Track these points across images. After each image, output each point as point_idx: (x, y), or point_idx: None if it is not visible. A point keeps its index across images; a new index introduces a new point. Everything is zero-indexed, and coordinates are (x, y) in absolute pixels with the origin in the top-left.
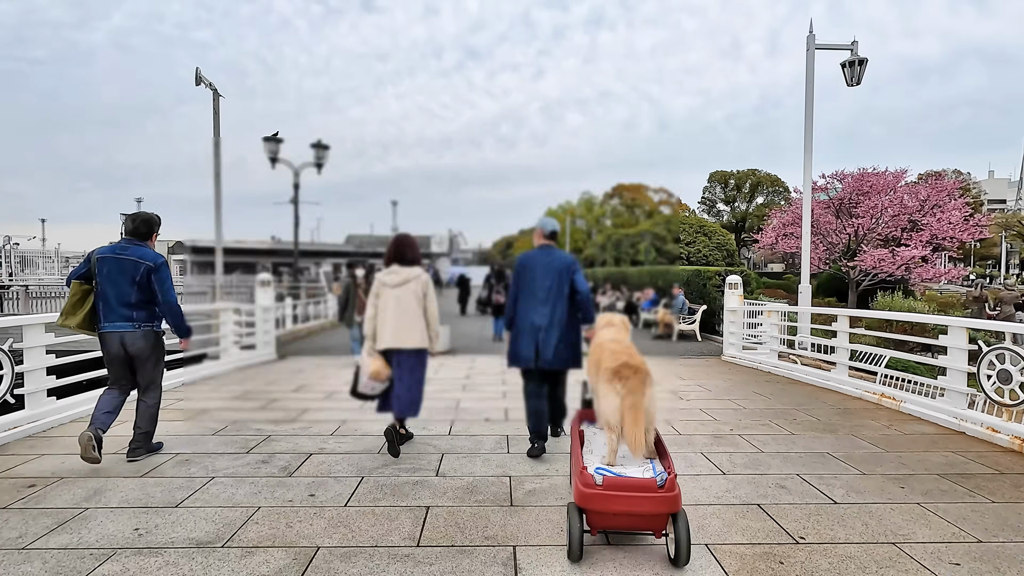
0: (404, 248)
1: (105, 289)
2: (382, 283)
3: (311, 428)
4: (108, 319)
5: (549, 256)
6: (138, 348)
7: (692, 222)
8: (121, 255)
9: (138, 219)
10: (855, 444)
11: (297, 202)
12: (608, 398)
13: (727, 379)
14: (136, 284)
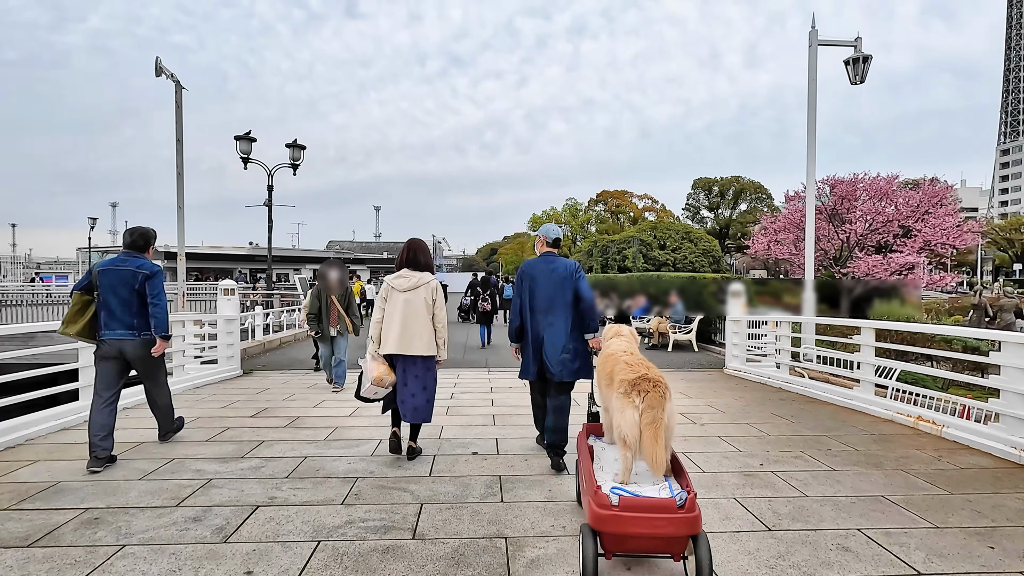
0: (416, 253)
1: (107, 299)
2: (391, 287)
3: (264, 468)
4: (109, 328)
5: (552, 264)
6: (139, 355)
7: (678, 228)
8: (121, 267)
9: (135, 233)
10: (910, 483)
11: (271, 205)
12: (625, 412)
13: (737, 396)
14: (136, 293)
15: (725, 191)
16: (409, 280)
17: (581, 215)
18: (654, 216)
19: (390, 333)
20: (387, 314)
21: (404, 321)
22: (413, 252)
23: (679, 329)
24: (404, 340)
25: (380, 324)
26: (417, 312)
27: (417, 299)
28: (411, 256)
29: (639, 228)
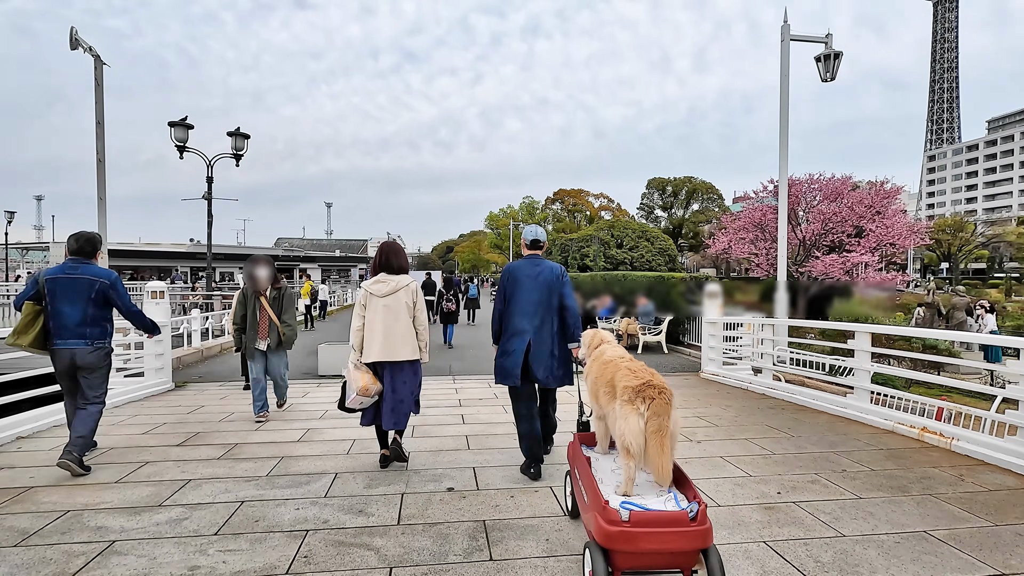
0: (390, 256)
1: (58, 308)
2: (370, 293)
3: (188, 520)
4: (61, 336)
5: (537, 267)
6: (88, 362)
7: (635, 227)
8: (72, 275)
9: (82, 239)
10: (945, 512)
11: (210, 198)
12: (630, 420)
13: (723, 405)
14: (91, 301)
15: (678, 191)
16: (388, 284)
17: (538, 213)
18: (610, 215)
19: (373, 340)
20: (368, 321)
21: (387, 327)
22: (386, 256)
23: (648, 330)
24: (388, 347)
25: (361, 332)
26: (399, 317)
27: (398, 304)
28: (384, 260)
29: (597, 227)
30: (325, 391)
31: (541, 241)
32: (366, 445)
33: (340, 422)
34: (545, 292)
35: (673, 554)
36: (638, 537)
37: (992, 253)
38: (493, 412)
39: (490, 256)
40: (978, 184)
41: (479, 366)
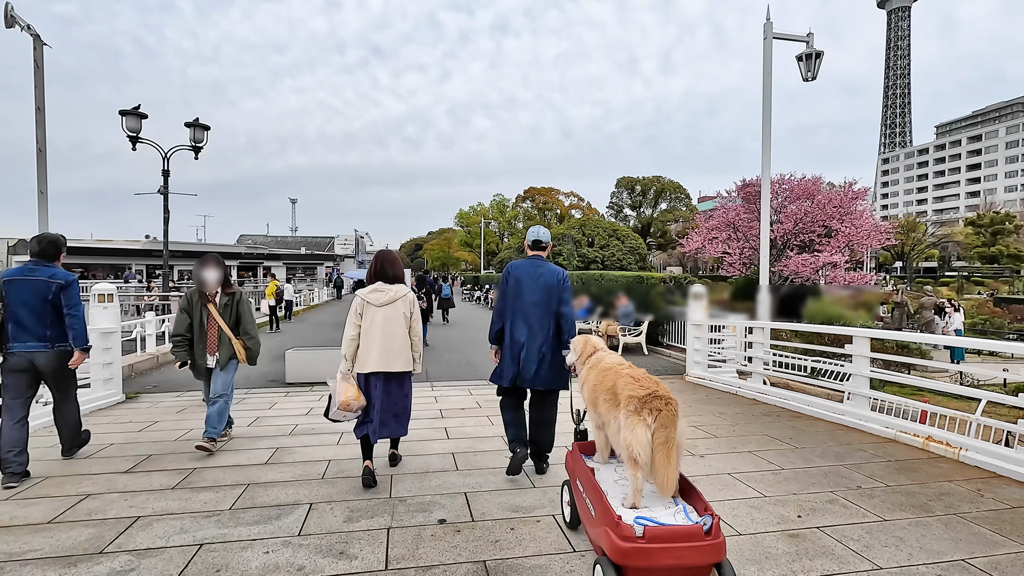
0: (385, 265)
1: (15, 311)
2: (367, 302)
3: (132, 574)
4: (19, 340)
5: (539, 269)
6: (52, 367)
7: (605, 226)
8: (31, 276)
9: (44, 241)
10: (977, 536)
11: (167, 192)
12: (637, 431)
13: (717, 413)
14: (50, 304)
15: (647, 190)
16: (386, 294)
17: (509, 211)
18: (580, 214)
19: (370, 351)
20: (364, 331)
21: (384, 337)
22: (382, 264)
23: (628, 331)
24: (385, 357)
25: (356, 341)
26: (396, 327)
27: (396, 314)
28: (380, 269)
29: (568, 225)
30: (294, 401)
31: (543, 242)
32: (343, 467)
33: (312, 439)
34: (544, 295)
35: (687, 569)
36: (653, 553)
37: (942, 252)
38: (479, 425)
39: (460, 254)
40: (928, 186)
41: (457, 370)
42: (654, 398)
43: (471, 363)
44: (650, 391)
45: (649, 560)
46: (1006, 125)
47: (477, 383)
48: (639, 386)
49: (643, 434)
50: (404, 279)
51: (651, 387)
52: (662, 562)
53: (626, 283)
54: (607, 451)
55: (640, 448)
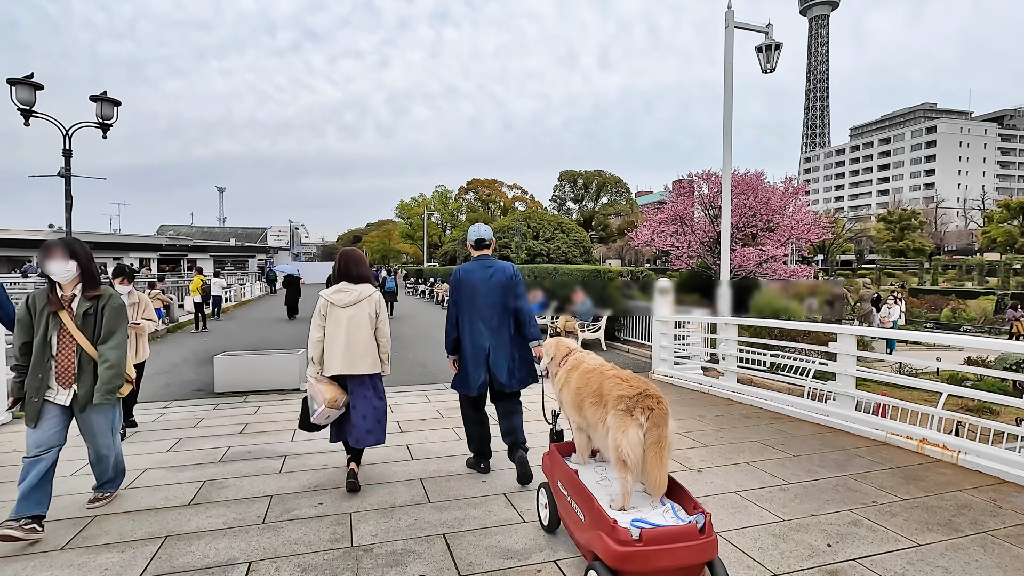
0: (350, 265)
1: None
2: (331, 303)
3: None
4: None
5: (490, 269)
6: None
7: (550, 219)
8: None
9: None
10: (1017, 559)
11: (68, 175)
12: (629, 432)
13: (696, 416)
14: None
15: (589, 184)
16: (351, 294)
17: (451, 203)
18: (524, 206)
19: (334, 353)
20: (329, 333)
21: (349, 339)
22: (346, 264)
23: (587, 327)
24: (350, 359)
25: (321, 343)
26: (362, 328)
27: (361, 315)
28: (345, 268)
29: (513, 218)
30: (226, 416)
31: (487, 240)
32: (290, 505)
33: (249, 466)
34: (500, 294)
35: (681, 569)
36: (651, 556)
37: (857, 246)
38: (445, 440)
39: (401, 246)
40: (845, 184)
41: (411, 373)
42: (645, 397)
43: (424, 364)
44: (640, 390)
45: (648, 563)
46: (911, 129)
47: (434, 388)
48: (628, 386)
49: (635, 435)
50: (370, 279)
51: (641, 386)
52: (659, 564)
53: (582, 277)
54: (588, 452)
55: (632, 449)
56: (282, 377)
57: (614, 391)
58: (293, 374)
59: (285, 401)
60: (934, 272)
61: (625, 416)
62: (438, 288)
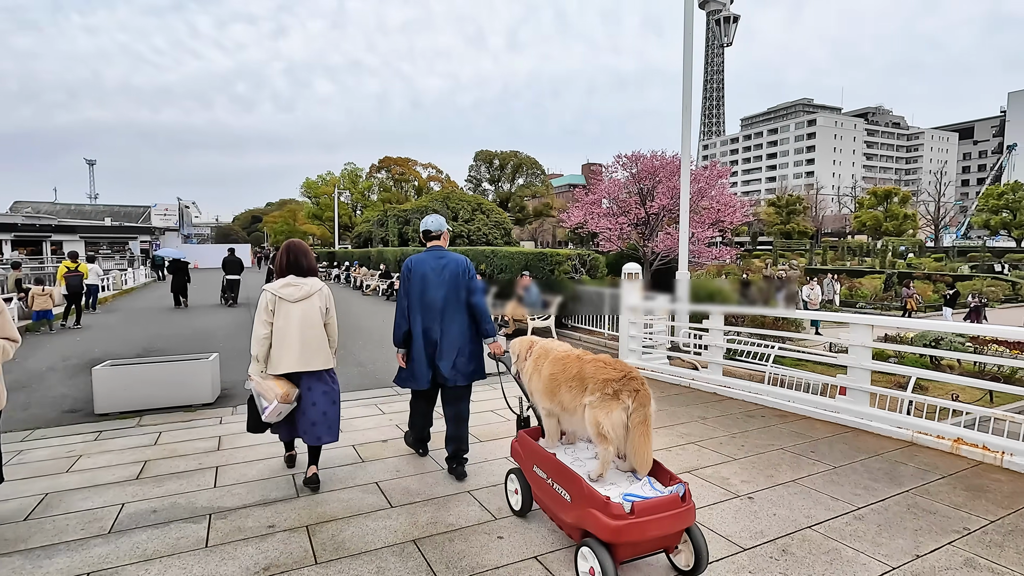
0: (298, 256)
1: None
2: (280, 298)
3: None
4: None
5: (442, 260)
6: None
7: (470, 200)
8: None
9: None
10: None
11: None
12: (613, 413)
13: (697, 417)
14: None
15: (505, 164)
16: (301, 288)
17: (363, 182)
18: (439, 186)
19: (287, 350)
20: (278, 328)
21: (303, 335)
22: (295, 256)
23: (536, 316)
24: (305, 356)
25: (268, 340)
26: (314, 324)
27: (312, 309)
28: (292, 260)
29: (431, 197)
30: (113, 451)
31: (434, 231)
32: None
33: (158, 538)
34: (452, 287)
35: (666, 536)
36: (643, 526)
37: (750, 229)
38: (424, 471)
39: (308, 227)
40: (739, 171)
41: (351, 376)
42: (631, 379)
43: (360, 363)
44: (625, 373)
45: (641, 533)
46: (794, 121)
47: (383, 394)
48: (613, 369)
49: (619, 416)
50: (317, 271)
51: (625, 369)
52: (651, 534)
53: (525, 260)
54: (557, 436)
55: (613, 428)
56: (190, 390)
57: (599, 375)
58: (204, 386)
59: (196, 422)
60: (823, 253)
61: (610, 399)
62: (355, 272)
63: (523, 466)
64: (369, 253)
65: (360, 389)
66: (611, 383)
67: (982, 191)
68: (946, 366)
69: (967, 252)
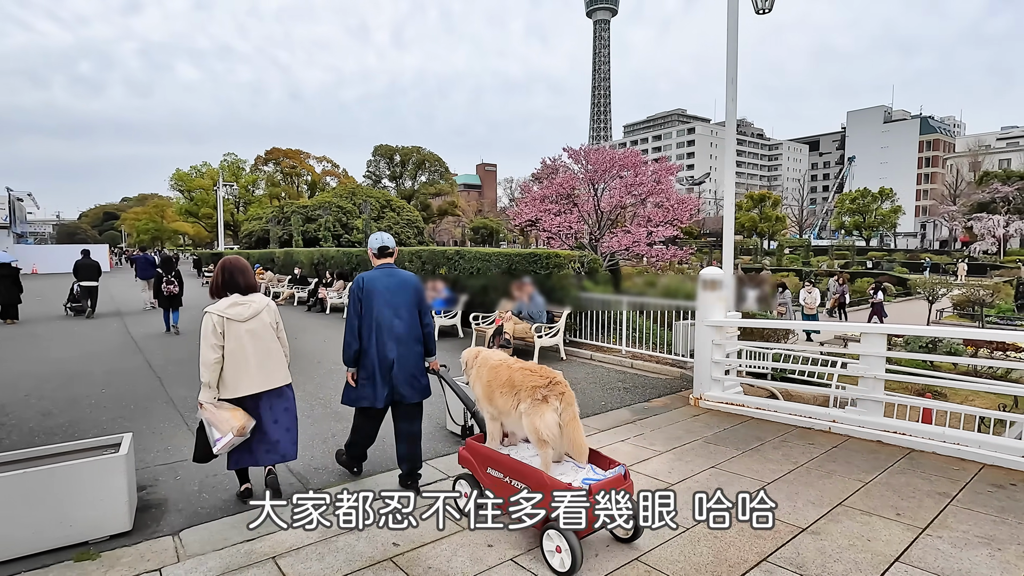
0: (237, 275)
1: None
2: (228, 319)
3: None
4: None
5: (394, 278)
6: None
7: (377, 196)
8: None
9: None
10: None
11: None
12: (546, 416)
13: (854, 477)
14: None
15: (406, 160)
16: (249, 307)
17: (246, 175)
18: (336, 181)
19: (246, 371)
20: (231, 351)
21: (259, 354)
22: (231, 274)
23: (545, 331)
24: (264, 375)
25: (219, 364)
26: (268, 340)
27: (263, 326)
28: (230, 279)
29: (334, 193)
30: None
31: (390, 248)
32: None
33: None
34: (405, 305)
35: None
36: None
37: None
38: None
39: (179, 225)
40: None
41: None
42: (555, 384)
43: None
44: (549, 379)
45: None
46: (676, 129)
47: None
48: (538, 376)
49: (551, 417)
50: (257, 287)
51: (549, 375)
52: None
53: (508, 262)
54: (500, 438)
55: (549, 430)
56: (84, 516)
57: (527, 382)
58: (113, 502)
59: None
60: (710, 252)
61: (541, 404)
62: (260, 276)
63: (475, 470)
64: (273, 254)
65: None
66: (539, 389)
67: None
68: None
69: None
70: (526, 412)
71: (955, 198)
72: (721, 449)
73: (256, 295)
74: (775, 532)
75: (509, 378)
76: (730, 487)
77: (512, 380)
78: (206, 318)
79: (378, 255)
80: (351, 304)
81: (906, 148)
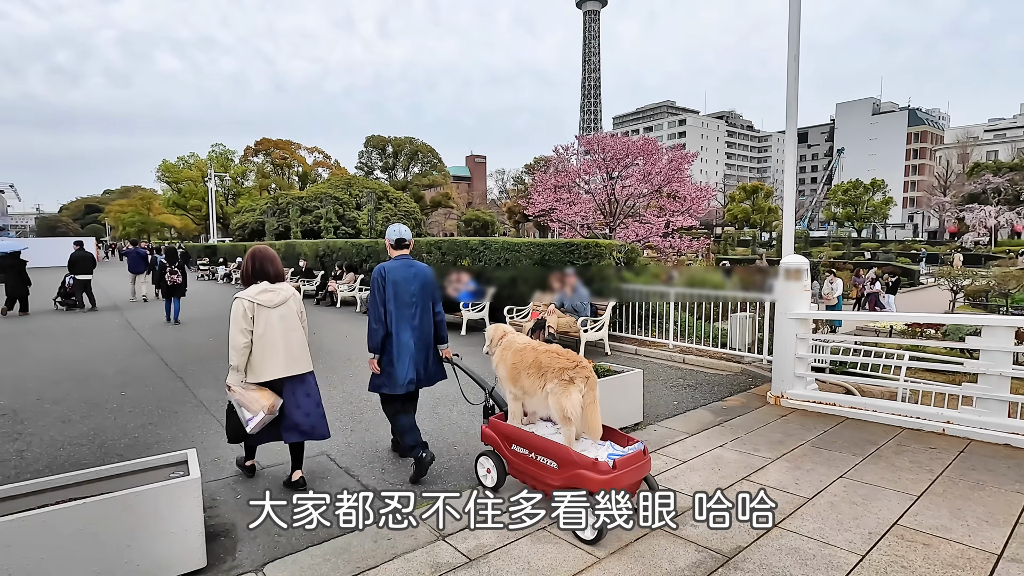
0: (267, 264)
1: None
2: (258, 304)
3: None
4: None
5: (412, 269)
6: None
7: (374, 187)
8: None
9: None
10: None
11: None
12: (572, 396)
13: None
14: None
15: (399, 151)
16: (278, 294)
17: (236, 166)
18: (327, 172)
19: (274, 356)
20: (260, 336)
21: (286, 339)
22: (262, 264)
23: (586, 324)
24: (290, 360)
25: (249, 349)
26: (295, 327)
27: (291, 313)
28: (261, 268)
29: (330, 184)
30: None
31: (407, 240)
32: None
33: None
34: (421, 295)
35: (635, 483)
36: (623, 477)
37: None
38: None
39: (167, 218)
40: None
41: None
42: (582, 367)
43: None
44: (576, 362)
45: (623, 483)
46: (667, 121)
47: None
48: (565, 359)
49: (576, 397)
50: (284, 276)
51: (575, 359)
52: (627, 482)
53: (541, 253)
54: (521, 417)
55: (574, 409)
56: (146, 553)
57: (554, 364)
58: (184, 535)
59: None
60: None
61: (567, 385)
62: None
63: (499, 448)
64: (272, 246)
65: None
66: (567, 371)
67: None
68: None
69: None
70: (552, 392)
71: (945, 189)
72: (838, 456)
73: (283, 284)
74: (969, 561)
75: (536, 360)
76: (875, 502)
77: (539, 362)
78: (236, 303)
79: (395, 246)
80: (374, 292)
81: (894, 140)
